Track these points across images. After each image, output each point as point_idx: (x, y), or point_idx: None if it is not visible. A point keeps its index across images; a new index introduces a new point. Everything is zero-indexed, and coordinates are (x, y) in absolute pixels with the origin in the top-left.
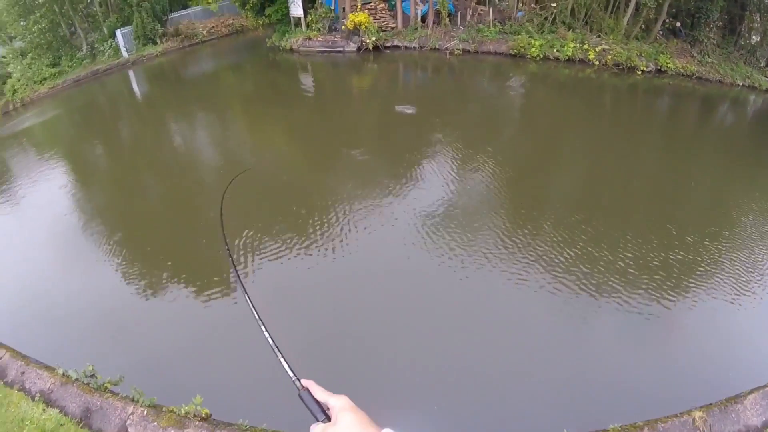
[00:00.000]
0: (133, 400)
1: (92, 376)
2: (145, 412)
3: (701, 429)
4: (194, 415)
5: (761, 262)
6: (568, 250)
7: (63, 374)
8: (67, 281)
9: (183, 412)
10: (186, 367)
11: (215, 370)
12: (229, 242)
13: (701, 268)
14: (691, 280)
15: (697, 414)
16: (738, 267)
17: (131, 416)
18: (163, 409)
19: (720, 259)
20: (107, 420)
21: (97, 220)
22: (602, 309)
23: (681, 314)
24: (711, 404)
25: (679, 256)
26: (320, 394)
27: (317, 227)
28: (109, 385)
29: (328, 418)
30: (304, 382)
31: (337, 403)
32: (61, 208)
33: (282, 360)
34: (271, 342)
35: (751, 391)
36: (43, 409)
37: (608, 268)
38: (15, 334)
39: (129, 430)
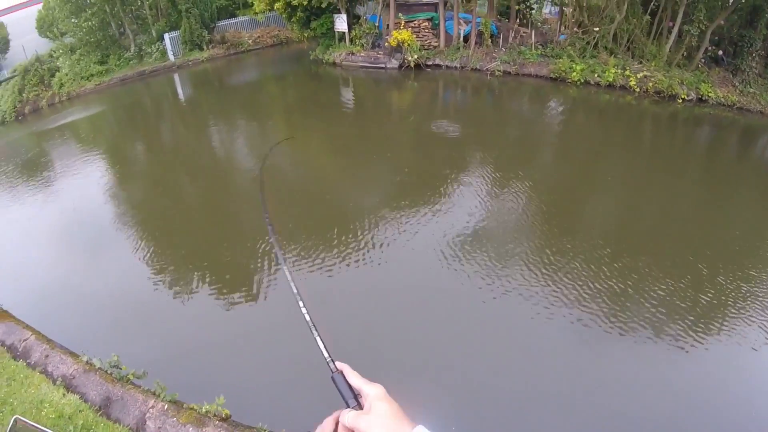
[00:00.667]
0: (154, 393)
1: (116, 366)
2: (166, 407)
3: None
4: (214, 415)
5: None
6: (596, 284)
7: (87, 362)
8: (98, 272)
9: (203, 410)
10: (210, 366)
11: (239, 371)
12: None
13: (731, 311)
14: (717, 323)
15: None
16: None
17: (151, 410)
18: (184, 405)
19: (755, 294)
20: (126, 411)
21: (132, 215)
22: (625, 345)
23: (706, 358)
24: None
25: (709, 297)
26: (354, 379)
27: (349, 238)
28: (132, 377)
29: (360, 406)
30: (339, 364)
31: (372, 391)
32: (97, 201)
33: (318, 339)
34: (308, 319)
35: None
36: (63, 394)
37: (635, 304)
38: (43, 320)
39: (147, 422)
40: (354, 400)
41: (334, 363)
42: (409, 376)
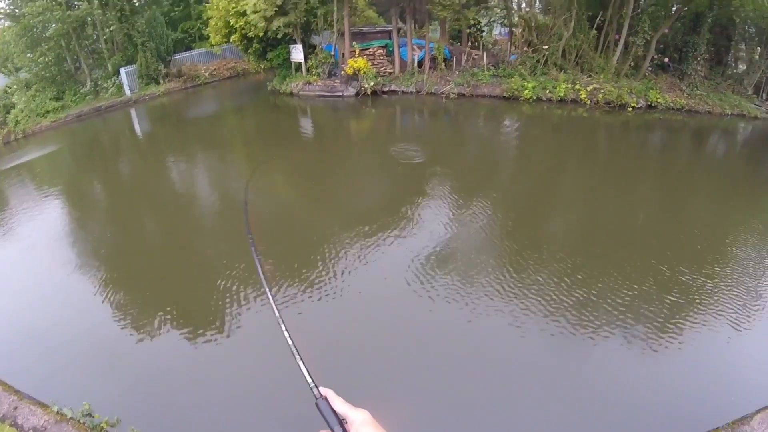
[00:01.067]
0: None
1: (89, 415)
2: None
3: None
4: None
5: (760, 286)
6: (560, 296)
7: (58, 412)
8: (62, 317)
9: None
10: (188, 406)
11: (218, 408)
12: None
13: (703, 298)
14: (691, 310)
15: None
16: (739, 294)
17: None
18: None
19: (721, 288)
20: None
21: (92, 255)
22: (602, 344)
23: (683, 343)
24: (718, 428)
25: (674, 297)
26: (339, 405)
27: (313, 266)
28: (105, 426)
29: None
30: (322, 390)
31: (358, 417)
32: (56, 243)
33: (301, 364)
34: (291, 343)
35: (757, 412)
36: None
37: (610, 302)
38: (8, 370)
39: None
40: (340, 426)
41: (317, 388)
42: (394, 400)
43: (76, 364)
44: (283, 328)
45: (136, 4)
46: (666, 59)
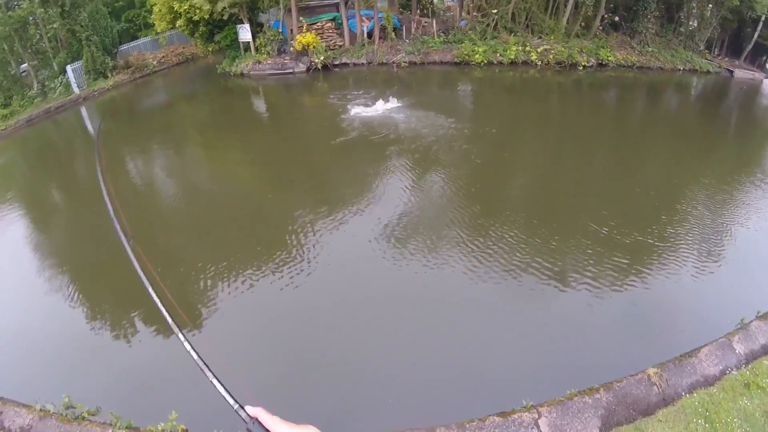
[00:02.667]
0: (111, 424)
1: (70, 407)
2: None
3: (657, 384)
4: (171, 431)
5: (708, 230)
6: (524, 246)
7: (41, 409)
8: (31, 319)
9: (160, 429)
10: (160, 390)
11: (188, 389)
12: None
13: (653, 244)
14: (642, 255)
15: (652, 371)
16: (688, 239)
17: None
18: (141, 430)
19: (671, 235)
20: None
21: (52, 257)
22: (554, 286)
23: (633, 286)
24: (665, 362)
25: (633, 236)
26: (278, 426)
27: (279, 249)
28: (87, 415)
29: None
30: (251, 410)
31: None
32: (17, 250)
33: (215, 382)
34: (195, 357)
35: (705, 345)
36: None
37: (562, 254)
38: None
39: None
40: None
41: (244, 410)
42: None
43: (53, 362)
44: (182, 338)
45: None
46: (616, 18)
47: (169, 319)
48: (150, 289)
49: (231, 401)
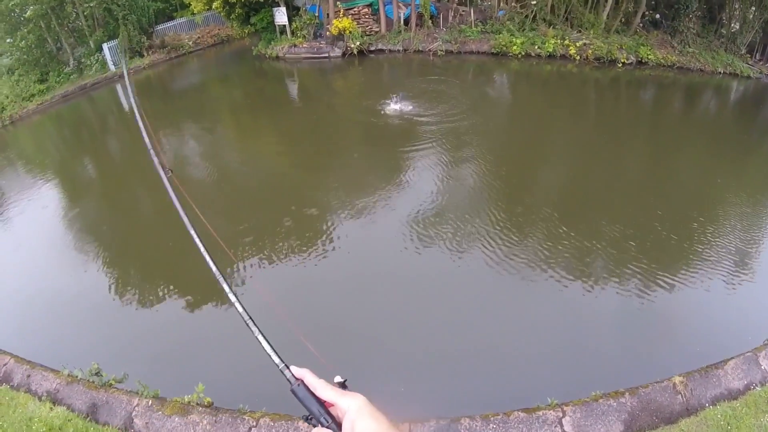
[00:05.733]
0: (137, 393)
1: (97, 374)
2: (150, 403)
3: (682, 393)
4: (197, 403)
5: (742, 242)
6: (557, 243)
7: (68, 374)
8: (64, 290)
9: (186, 401)
10: (187, 362)
11: (215, 362)
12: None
13: (685, 249)
14: (673, 261)
15: (678, 379)
16: (721, 248)
17: (136, 408)
18: (167, 399)
19: (704, 243)
20: (113, 413)
21: (90, 230)
22: (589, 295)
23: (662, 292)
24: (691, 371)
25: (666, 241)
26: (324, 390)
27: (309, 228)
28: (113, 382)
29: (337, 424)
30: (296, 371)
31: (352, 404)
32: (52, 222)
33: (261, 339)
34: (246, 318)
35: (731, 358)
36: (50, 408)
37: (594, 255)
38: (19, 344)
39: (135, 420)
40: (327, 416)
41: (289, 370)
42: (392, 372)
43: (82, 330)
44: (228, 290)
45: None
46: (657, 15)
47: (215, 269)
48: (195, 236)
49: (276, 360)
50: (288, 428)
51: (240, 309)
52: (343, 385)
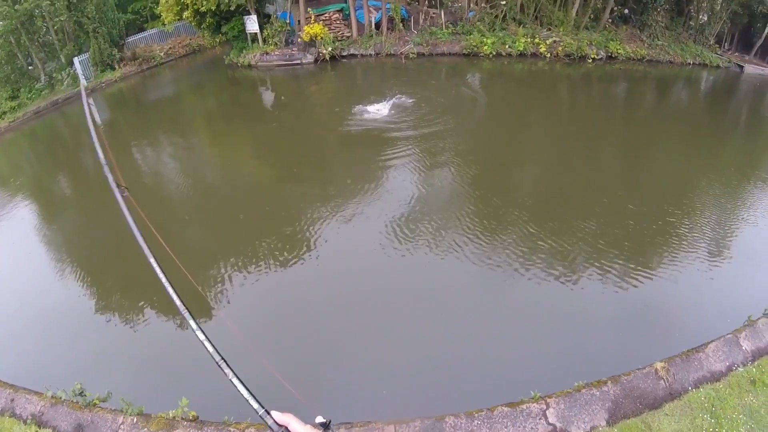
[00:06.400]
0: (122, 411)
1: (81, 394)
2: (135, 420)
3: (665, 378)
4: (182, 418)
5: (717, 227)
6: (534, 240)
7: (52, 396)
8: (42, 309)
9: (171, 416)
10: (170, 376)
11: (198, 375)
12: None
13: (662, 238)
14: (648, 250)
15: (659, 365)
16: (697, 235)
17: (122, 426)
18: (152, 416)
19: (679, 232)
20: None
21: (65, 248)
22: (564, 279)
23: (641, 280)
24: (672, 356)
25: (641, 232)
26: None
27: (282, 249)
28: (98, 402)
29: None
30: (278, 417)
31: None
32: (27, 241)
33: (237, 382)
34: (213, 352)
35: (712, 341)
36: (36, 431)
37: (572, 248)
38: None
39: None
40: None
41: (270, 416)
42: (374, 377)
43: (63, 352)
44: (203, 338)
45: None
46: (626, 10)
47: (186, 313)
48: (163, 279)
49: (256, 406)
50: None
51: (210, 349)
52: (326, 426)
